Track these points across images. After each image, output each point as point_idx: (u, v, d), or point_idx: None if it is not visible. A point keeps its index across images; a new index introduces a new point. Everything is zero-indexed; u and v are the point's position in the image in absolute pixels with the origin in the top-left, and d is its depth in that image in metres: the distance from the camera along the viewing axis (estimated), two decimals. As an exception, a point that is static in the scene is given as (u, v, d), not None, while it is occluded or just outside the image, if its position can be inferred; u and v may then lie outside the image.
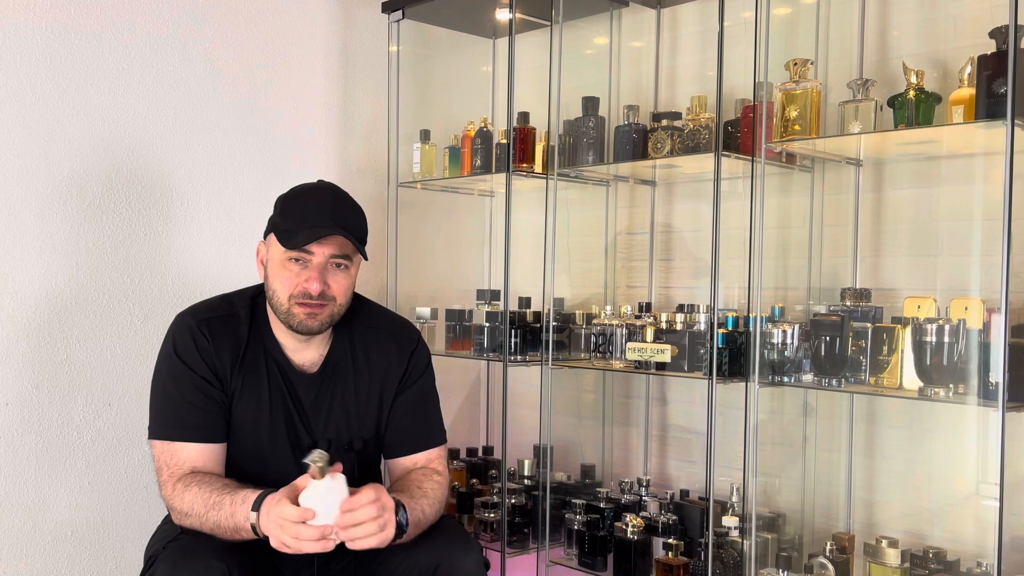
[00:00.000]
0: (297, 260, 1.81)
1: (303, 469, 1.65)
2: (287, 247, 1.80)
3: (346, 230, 1.81)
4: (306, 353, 1.92)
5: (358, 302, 1.99)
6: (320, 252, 1.81)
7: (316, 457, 1.62)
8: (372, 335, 1.98)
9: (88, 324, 2.47)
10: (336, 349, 1.94)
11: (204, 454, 1.83)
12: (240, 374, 1.88)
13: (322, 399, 1.92)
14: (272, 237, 1.85)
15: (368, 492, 1.65)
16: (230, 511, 1.68)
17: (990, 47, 1.97)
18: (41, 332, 2.40)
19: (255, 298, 1.95)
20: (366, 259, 1.88)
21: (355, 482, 1.95)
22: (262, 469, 1.88)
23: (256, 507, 1.65)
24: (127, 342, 2.54)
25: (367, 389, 1.96)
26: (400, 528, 1.70)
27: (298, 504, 1.62)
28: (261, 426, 1.88)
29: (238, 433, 1.88)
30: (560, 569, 2.64)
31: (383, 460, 2.08)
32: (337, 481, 1.64)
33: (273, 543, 1.63)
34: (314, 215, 1.81)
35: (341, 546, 1.79)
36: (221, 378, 1.86)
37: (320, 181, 1.94)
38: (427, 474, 1.94)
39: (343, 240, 1.82)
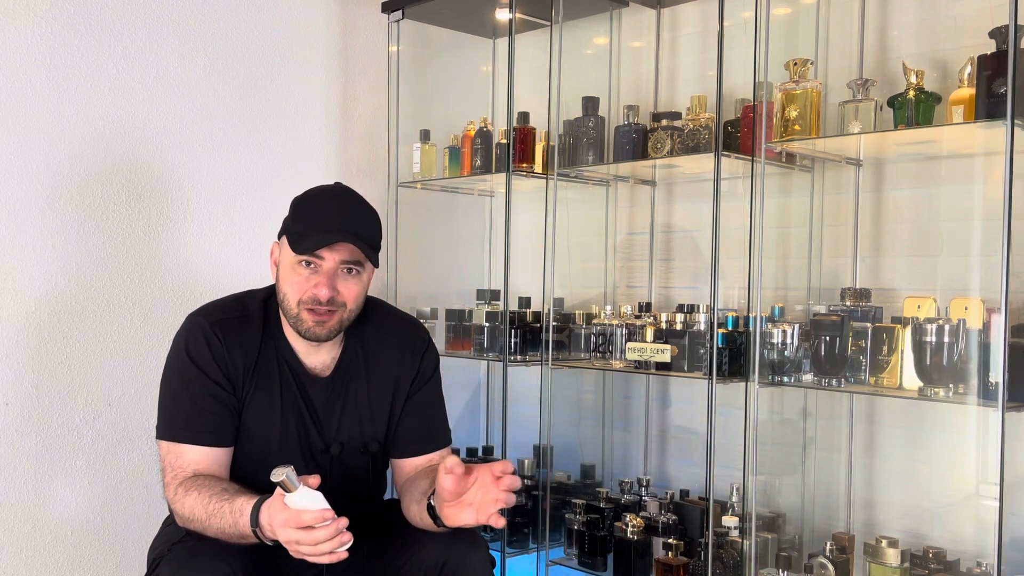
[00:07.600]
0: (308, 264, 1.78)
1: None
2: (297, 251, 1.78)
3: (358, 236, 1.79)
4: (318, 356, 1.90)
5: (368, 302, 1.97)
6: (331, 258, 1.78)
7: (278, 474, 1.55)
8: (384, 336, 1.97)
9: (88, 324, 2.47)
10: (348, 351, 1.93)
11: (209, 457, 1.82)
12: (252, 378, 1.86)
13: (335, 402, 1.91)
14: (285, 240, 1.83)
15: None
16: (232, 520, 1.67)
17: (990, 47, 1.97)
18: (41, 332, 2.40)
19: (267, 300, 1.92)
20: (376, 266, 1.85)
21: (367, 484, 1.97)
22: (268, 474, 1.86)
23: (255, 522, 1.63)
24: (127, 342, 2.54)
25: (380, 391, 1.95)
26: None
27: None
28: (271, 431, 1.87)
29: (246, 437, 1.87)
30: (560, 569, 2.64)
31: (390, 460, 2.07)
32: (311, 493, 1.57)
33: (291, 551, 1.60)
34: (326, 219, 1.79)
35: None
36: (233, 381, 1.84)
37: (336, 184, 1.91)
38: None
39: (354, 246, 1.79)
